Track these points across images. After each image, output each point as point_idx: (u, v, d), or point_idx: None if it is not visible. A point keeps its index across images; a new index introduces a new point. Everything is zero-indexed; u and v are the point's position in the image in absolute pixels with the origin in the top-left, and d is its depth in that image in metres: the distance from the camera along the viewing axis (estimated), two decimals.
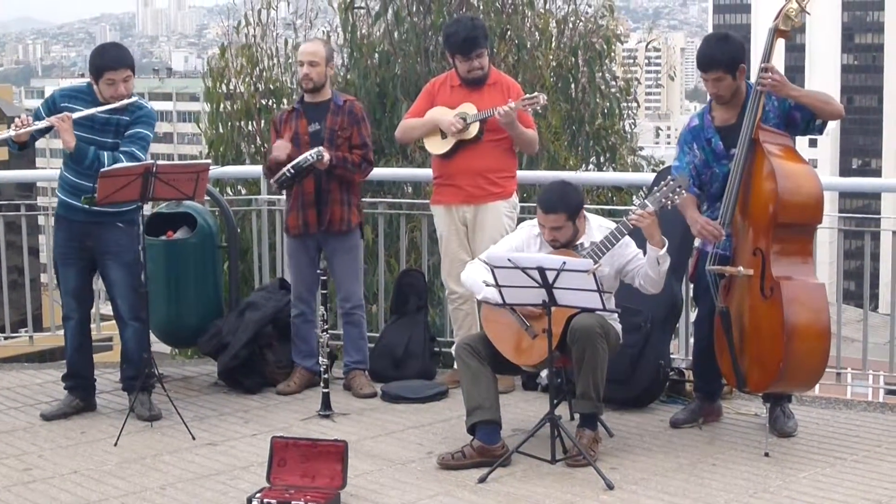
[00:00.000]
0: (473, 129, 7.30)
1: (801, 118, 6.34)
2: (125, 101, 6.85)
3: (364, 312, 7.78)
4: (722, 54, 6.36)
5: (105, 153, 6.78)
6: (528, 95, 7.30)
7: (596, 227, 6.37)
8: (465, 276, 6.52)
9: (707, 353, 6.63)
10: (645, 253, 6.23)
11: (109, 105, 6.83)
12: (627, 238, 6.27)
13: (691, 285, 7.13)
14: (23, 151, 7.00)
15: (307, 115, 7.51)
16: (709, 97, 6.59)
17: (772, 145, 6.21)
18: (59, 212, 7.08)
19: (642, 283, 6.28)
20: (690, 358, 7.29)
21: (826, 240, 8.46)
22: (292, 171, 7.23)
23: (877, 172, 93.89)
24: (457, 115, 7.31)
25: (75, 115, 6.77)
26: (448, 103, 7.41)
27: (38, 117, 6.87)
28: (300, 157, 7.23)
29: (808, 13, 6.27)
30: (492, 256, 6.07)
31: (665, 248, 6.15)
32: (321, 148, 7.27)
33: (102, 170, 6.57)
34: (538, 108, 7.31)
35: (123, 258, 6.94)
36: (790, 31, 6.26)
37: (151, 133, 7.05)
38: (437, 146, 7.44)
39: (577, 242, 6.31)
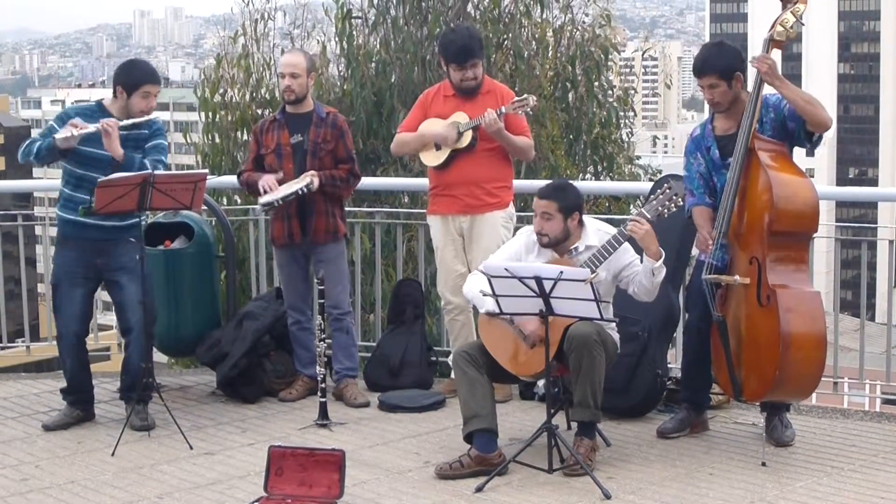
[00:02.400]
0: (467, 138, 7.29)
1: (795, 129, 6.33)
2: (147, 117, 6.95)
3: (353, 318, 7.78)
4: (716, 60, 6.37)
5: (146, 161, 6.86)
6: (517, 98, 7.29)
7: (593, 231, 6.38)
8: (468, 289, 6.50)
9: (696, 363, 6.65)
10: (642, 261, 6.24)
11: (133, 119, 6.89)
12: (626, 244, 6.28)
13: None
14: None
15: (289, 125, 7.50)
16: (707, 107, 6.60)
17: (767, 154, 6.21)
18: (66, 232, 7.01)
19: (636, 290, 6.29)
20: None
21: (823, 249, 8.46)
22: (280, 202, 7.26)
23: (873, 182, 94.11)
24: (449, 124, 7.32)
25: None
26: (441, 113, 7.40)
27: (52, 132, 6.85)
28: (290, 191, 7.24)
29: (804, 24, 6.28)
30: (489, 266, 6.07)
31: (661, 260, 6.15)
32: (311, 178, 7.27)
33: (100, 179, 6.57)
34: (528, 109, 7.29)
35: (137, 272, 6.89)
36: (785, 42, 6.27)
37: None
38: (431, 158, 7.43)
39: (573, 247, 6.32)
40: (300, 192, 7.24)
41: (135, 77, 6.97)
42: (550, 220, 6.28)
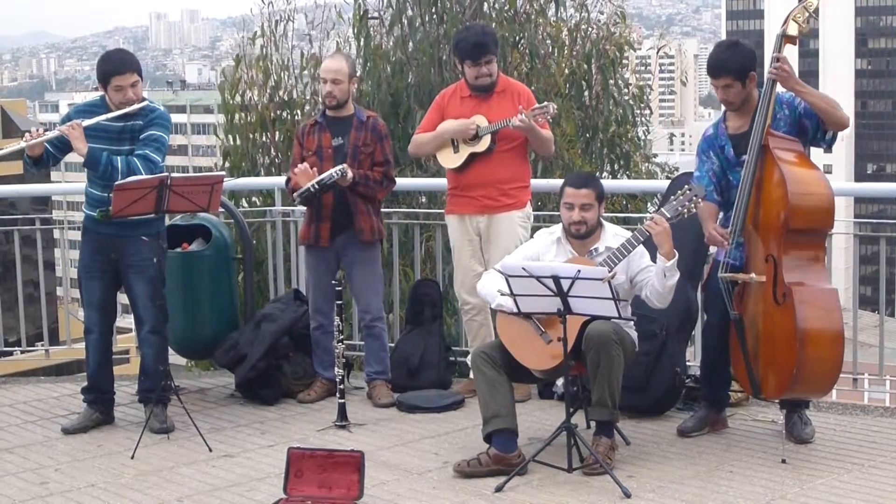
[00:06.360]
0: (485, 142, 7.29)
1: (810, 126, 6.32)
2: (136, 106, 6.84)
3: (384, 324, 7.77)
4: (731, 61, 6.35)
5: (118, 157, 6.78)
6: (537, 105, 7.27)
7: (612, 234, 6.38)
8: (481, 285, 6.52)
9: (715, 362, 6.63)
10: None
11: (120, 111, 6.81)
12: (643, 248, 6.27)
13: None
14: (38, 169, 6.94)
15: (330, 129, 7.53)
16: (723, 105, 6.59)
17: (782, 151, 6.20)
18: (86, 224, 7.08)
19: (649, 294, 6.27)
20: None
21: (841, 245, 8.43)
22: (316, 186, 7.26)
23: (892, 177, 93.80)
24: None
25: (85, 123, 6.76)
26: (458, 115, 7.40)
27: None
28: (325, 174, 7.27)
29: (816, 18, 6.26)
30: (506, 265, 6.07)
31: (674, 261, 6.13)
32: (345, 165, 7.31)
33: (117, 183, 6.58)
34: (548, 117, 7.29)
35: (147, 272, 6.92)
36: (798, 37, 6.25)
37: (167, 135, 7.02)
38: (449, 160, 7.44)
39: (593, 248, 6.32)
40: (334, 176, 7.24)
41: (103, 71, 6.89)
42: (592, 209, 6.32)
